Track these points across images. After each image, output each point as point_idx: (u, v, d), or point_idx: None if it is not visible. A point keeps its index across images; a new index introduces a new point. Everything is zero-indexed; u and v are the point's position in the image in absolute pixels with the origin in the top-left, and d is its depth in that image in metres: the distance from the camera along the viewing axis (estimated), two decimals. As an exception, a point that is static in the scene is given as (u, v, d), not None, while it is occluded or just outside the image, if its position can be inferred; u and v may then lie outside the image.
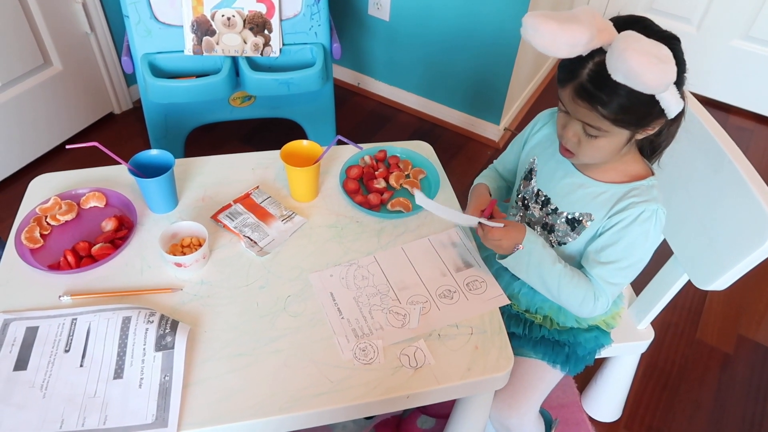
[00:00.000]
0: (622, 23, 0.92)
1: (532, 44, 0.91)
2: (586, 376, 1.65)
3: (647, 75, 0.83)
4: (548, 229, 1.14)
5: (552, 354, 1.20)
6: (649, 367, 1.77)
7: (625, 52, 0.83)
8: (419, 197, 1.10)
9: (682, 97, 0.95)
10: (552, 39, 0.89)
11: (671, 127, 1.02)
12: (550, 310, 1.18)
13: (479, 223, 1.09)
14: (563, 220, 1.11)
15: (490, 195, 1.25)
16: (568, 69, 0.95)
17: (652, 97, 0.90)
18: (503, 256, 1.09)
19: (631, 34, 0.86)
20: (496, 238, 1.07)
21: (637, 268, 1.06)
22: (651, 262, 1.32)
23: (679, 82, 0.93)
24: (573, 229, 1.10)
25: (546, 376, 1.22)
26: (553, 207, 1.12)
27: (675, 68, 0.86)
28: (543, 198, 1.14)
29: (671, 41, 0.90)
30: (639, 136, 0.99)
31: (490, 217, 1.11)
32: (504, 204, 1.31)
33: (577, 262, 1.13)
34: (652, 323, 1.35)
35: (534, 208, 1.16)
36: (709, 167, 1.12)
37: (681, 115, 0.99)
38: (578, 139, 1.00)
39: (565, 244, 1.12)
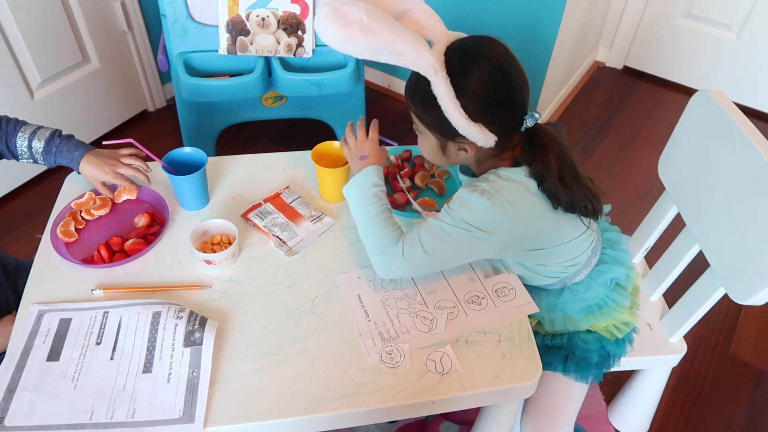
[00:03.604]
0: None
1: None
2: (613, 387, 1.63)
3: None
4: None
5: (563, 363, 1.20)
6: (680, 380, 1.74)
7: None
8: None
9: (495, 132, 0.99)
10: None
11: (538, 162, 1.01)
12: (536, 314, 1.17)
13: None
14: None
15: None
16: None
17: (421, 89, 0.99)
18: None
19: None
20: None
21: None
22: (686, 274, 1.31)
23: (483, 113, 0.98)
24: None
25: (572, 393, 1.21)
26: None
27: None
28: None
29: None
30: (451, 147, 1.05)
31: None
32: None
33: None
34: (685, 336, 1.32)
35: None
36: (750, 178, 1.09)
37: (539, 160, 1.00)
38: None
39: None
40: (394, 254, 1.03)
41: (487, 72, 0.97)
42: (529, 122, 1.00)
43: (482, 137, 0.99)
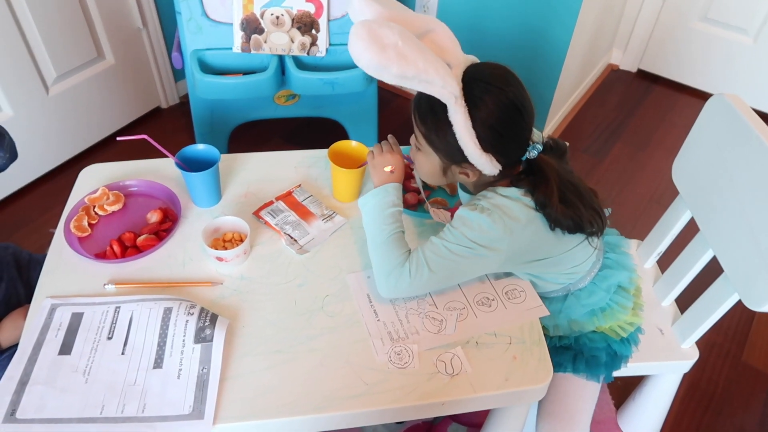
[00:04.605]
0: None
1: None
2: (623, 393, 1.62)
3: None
4: None
5: (572, 362, 1.20)
6: (691, 387, 1.72)
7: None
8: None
9: (501, 162, 1.01)
10: None
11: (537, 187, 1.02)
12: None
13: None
14: None
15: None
16: None
17: (436, 113, 0.99)
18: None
19: None
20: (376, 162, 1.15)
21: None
22: (699, 280, 1.30)
23: (498, 148, 1.00)
24: None
25: (585, 393, 1.21)
26: None
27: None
28: None
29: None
30: (454, 170, 1.07)
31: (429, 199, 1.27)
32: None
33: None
34: (697, 342, 1.31)
35: None
36: (767, 183, 1.09)
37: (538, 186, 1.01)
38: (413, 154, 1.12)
39: None
40: (400, 276, 1.03)
41: (504, 104, 0.99)
42: (531, 154, 1.02)
43: (490, 166, 1.01)
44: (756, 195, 1.11)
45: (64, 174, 2.24)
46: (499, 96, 0.98)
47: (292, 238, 1.18)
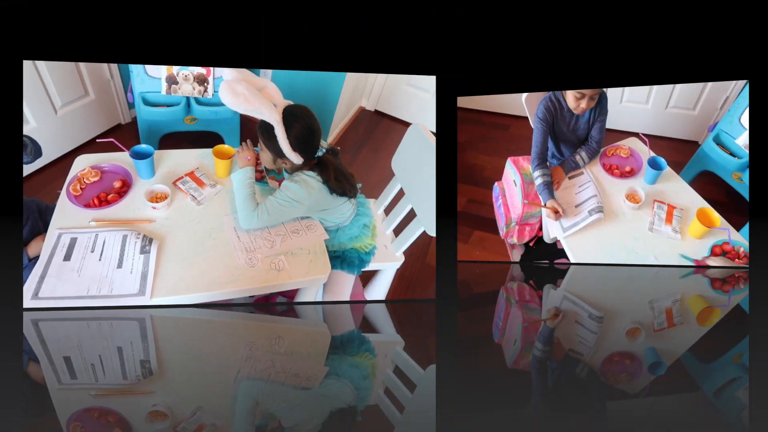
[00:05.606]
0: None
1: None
2: (366, 278, 1.18)
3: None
4: None
5: (340, 265, 1.25)
6: (400, 276, 1.29)
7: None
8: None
9: (303, 157, 1.10)
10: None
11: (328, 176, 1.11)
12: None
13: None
14: None
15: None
16: None
17: (269, 130, 1.08)
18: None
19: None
20: None
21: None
22: (405, 219, 1.28)
23: (302, 147, 1.10)
24: None
25: (346, 279, 1.26)
26: None
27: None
28: None
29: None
30: (279, 161, 1.14)
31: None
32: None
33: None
34: (403, 252, 1.30)
35: None
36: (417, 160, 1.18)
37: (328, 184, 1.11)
38: None
39: None
40: (252, 217, 1.12)
41: (303, 127, 1.11)
42: (319, 153, 1.15)
43: (297, 160, 1.13)
44: (415, 177, 1.26)
45: (67, 160, 1.97)
46: (301, 122, 1.10)
47: (193, 196, 1.23)
